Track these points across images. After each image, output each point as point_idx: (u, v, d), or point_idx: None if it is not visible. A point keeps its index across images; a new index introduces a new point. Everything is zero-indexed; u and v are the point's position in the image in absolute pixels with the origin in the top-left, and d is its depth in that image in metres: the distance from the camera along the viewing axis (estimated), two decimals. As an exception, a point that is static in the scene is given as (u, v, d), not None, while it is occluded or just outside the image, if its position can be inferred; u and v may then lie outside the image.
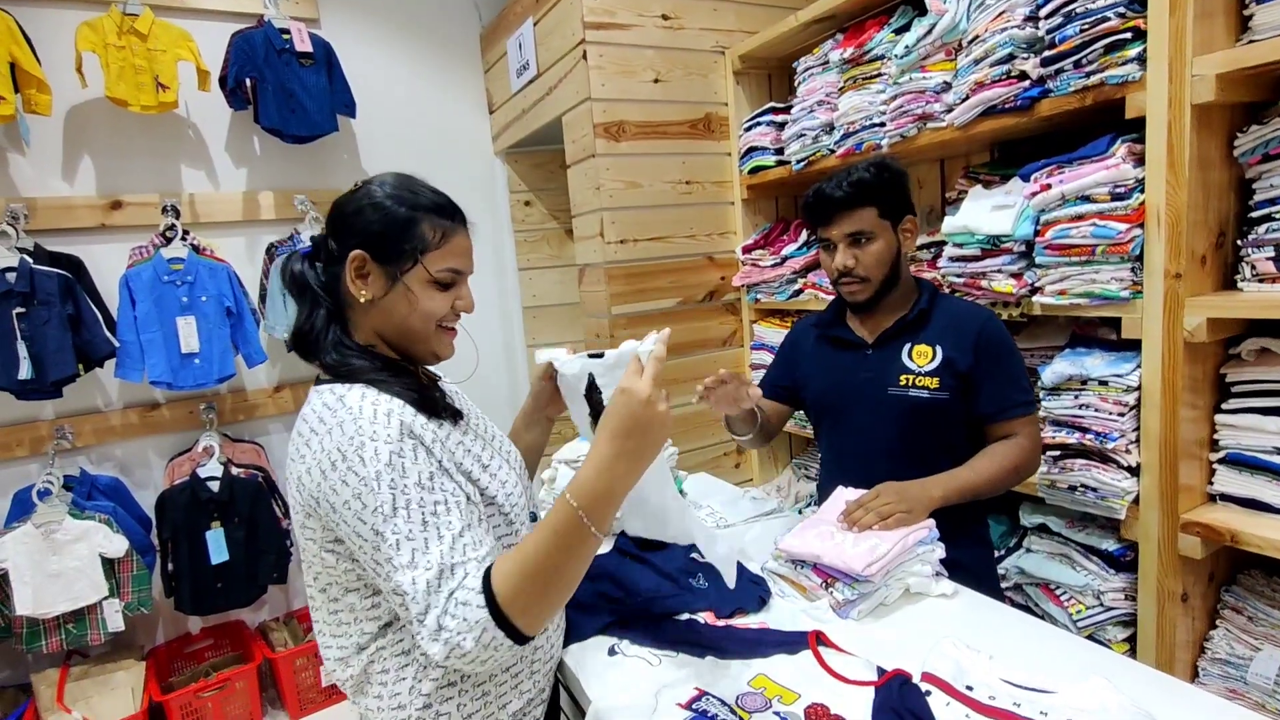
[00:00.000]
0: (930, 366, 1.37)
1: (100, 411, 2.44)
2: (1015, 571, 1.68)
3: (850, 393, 1.45)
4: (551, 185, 3.11)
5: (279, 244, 2.56)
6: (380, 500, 0.83)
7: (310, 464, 0.87)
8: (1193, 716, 0.85)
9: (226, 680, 2.33)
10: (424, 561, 0.81)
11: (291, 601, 2.81)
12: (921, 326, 1.40)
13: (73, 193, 2.36)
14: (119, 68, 2.20)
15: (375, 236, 0.94)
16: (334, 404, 0.89)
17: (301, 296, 1.00)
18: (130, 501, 2.40)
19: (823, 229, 1.40)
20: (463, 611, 0.79)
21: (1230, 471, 1.36)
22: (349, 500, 0.84)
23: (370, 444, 0.84)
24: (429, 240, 0.96)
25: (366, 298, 0.95)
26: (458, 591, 0.80)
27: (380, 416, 0.87)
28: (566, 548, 0.82)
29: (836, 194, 1.35)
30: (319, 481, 0.86)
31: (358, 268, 0.95)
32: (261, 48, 2.37)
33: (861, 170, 1.35)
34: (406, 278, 0.95)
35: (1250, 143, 1.30)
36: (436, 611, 0.80)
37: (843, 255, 1.38)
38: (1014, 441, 1.33)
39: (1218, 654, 1.42)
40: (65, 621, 2.11)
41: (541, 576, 0.82)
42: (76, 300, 2.15)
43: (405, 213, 0.95)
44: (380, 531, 0.82)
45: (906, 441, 1.35)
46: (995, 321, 1.39)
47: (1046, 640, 1.05)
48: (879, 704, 0.87)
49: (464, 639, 0.78)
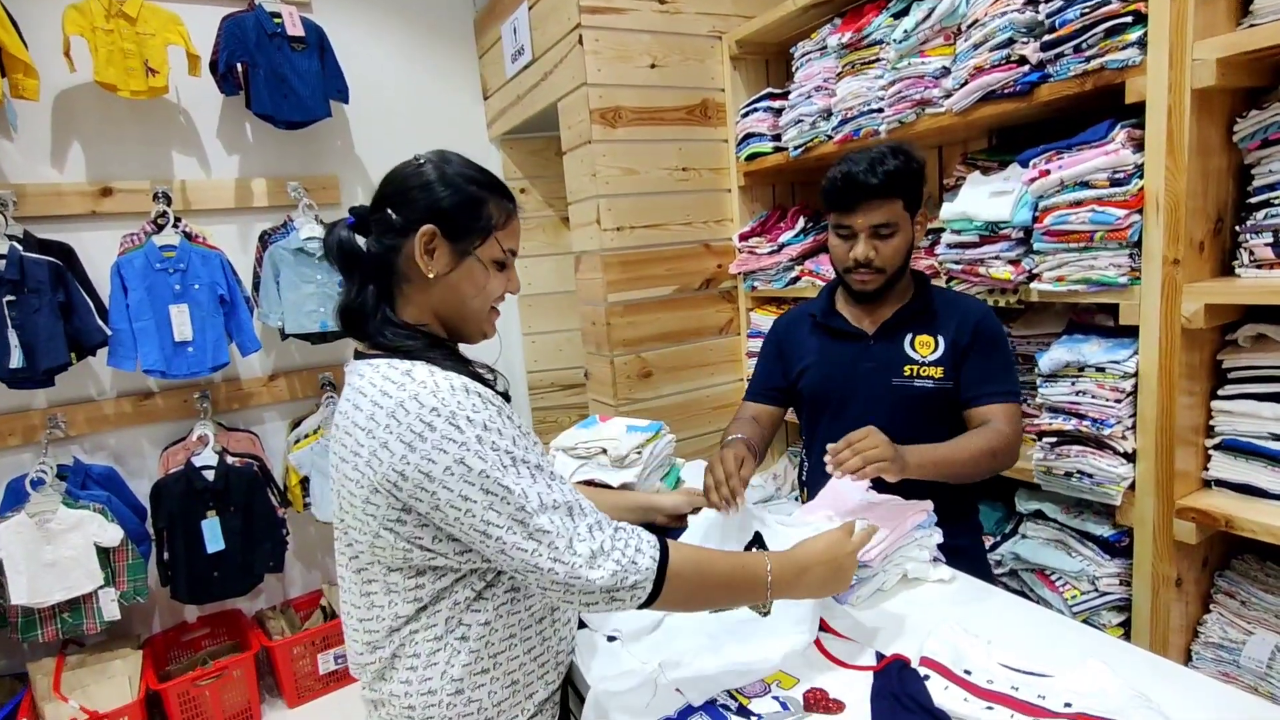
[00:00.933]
0: (934, 356, 1.37)
1: (93, 400, 2.42)
2: (1011, 557, 1.69)
3: (851, 384, 1.43)
4: (547, 172, 3.09)
5: (272, 231, 2.53)
6: (489, 461, 0.83)
7: (386, 438, 0.84)
8: (1188, 699, 0.85)
9: (224, 669, 2.33)
10: (551, 500, 0.84)
11: (288, 590, 2.81)
12: (922, 316, 1.40)
13: (62, 179, 2.33)
14: (107, 52, 2.16)
15: (447, 212, 0.94)
16: (400, 379, 0.87)
17: (349, 269, 0.98)
18: (125, 490, 2.39)
19: (844, 215, 1.35)
20: (632, 551, 0.85)
21: (1225, 457, 1.37)
22: (450, 466, 0.82)
23: (460, 412, 0.84)
24: (496, 219, 0.97)
25: (434, 273, 0.94)
26: (624, 533, 0.87)
27: (458, 390, 0.86)
28: (738, 585, 0.94)
29: (870, 181, 1.29)
30: (404, 454, 0.83)
31: (427, 242, 0.93)
32: (253, 32, 2.34)
33: (892, 158, 1.30)
34: (478, 253, 0.96)
35: (1250, 128, 1.30)
36: (587, 540, 0.84)
37: (864, 246, 1.34)
38: (993, 427, 1.31)
39: (1211, 638, 1.43)
40: (61, 611, 2.10)
41: (708, 583, 0.91)
42: (68, 288, 2.13)
43: (476, 191, 0.95)
44: (501, 488, 0.83)
45: (911, 432, 1.29)
46: (992, 315, 1.40)
47: (1043, 625, 1.06)
48: (877, 688, 0.87)
49: (629, 576, 0.84)
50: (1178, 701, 0.83)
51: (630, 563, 0.84)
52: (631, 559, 0.84)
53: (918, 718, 0.80)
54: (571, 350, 3.10)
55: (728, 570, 0.94)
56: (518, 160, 3.09)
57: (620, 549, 0.85)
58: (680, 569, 0.88)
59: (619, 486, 1.50)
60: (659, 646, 1.06)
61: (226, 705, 2.34)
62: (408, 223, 0.93)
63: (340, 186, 2.76)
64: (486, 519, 0.83)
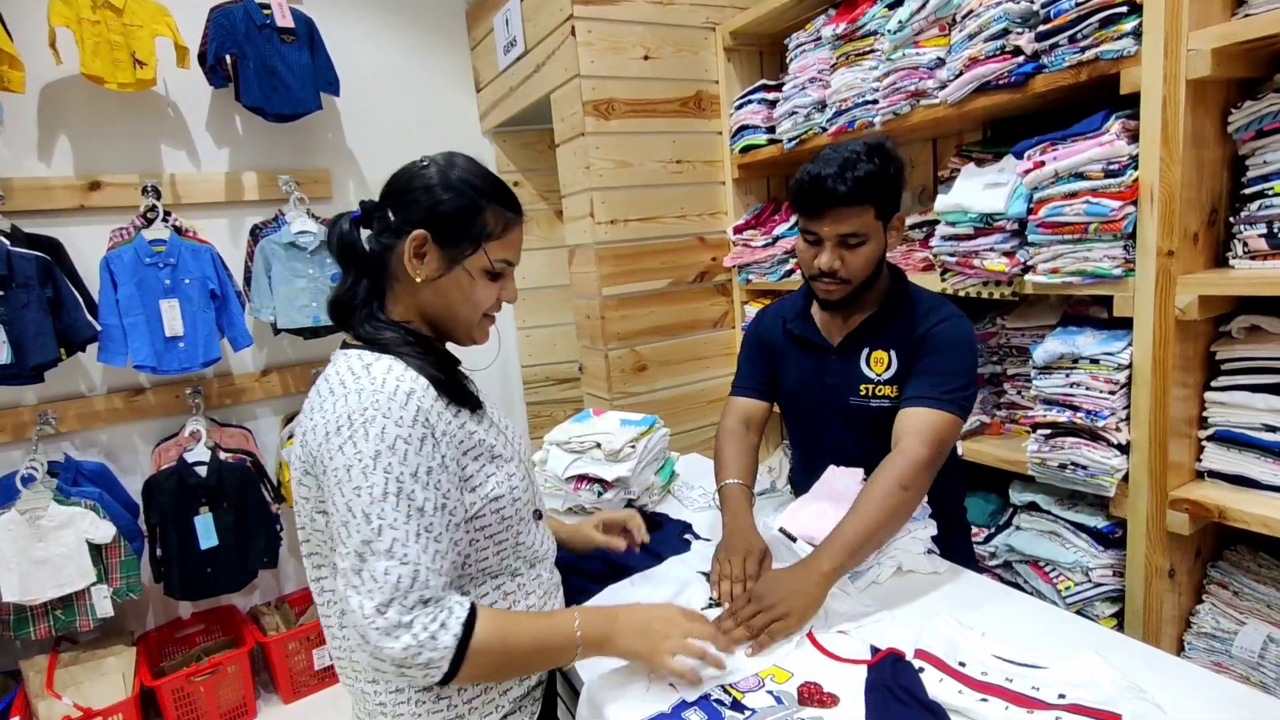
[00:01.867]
0: (888, 375, 1.32)
1: (84, 396, 2.40)
2: (1005, 549, 1.69)
3: (815, 397, 1.40)
4: (540, 165, 3.07)
5: (263, 225, 2.51)
6: (372, 481, 0.82)
7: (319, 422, 0.87)
8: (1181, 688, 0.86)
9: (218, 665, 2.32)
10: (401, 555, 0.81)
11: (283, 586, 2.80)
12: (883, 329, 1.33)
13: (50, 173, 2.31)
14: (94, 43, 2.13)
15: (441, 218, 0.93)
16: (359, 370, 0.88)
17: (347, 262, 0.98)
18: (116, 487, 2.37)
19: (811, 221, 1.25)
20: (435, 628, 0.82)
21: (1219, 449, 1.37)
22: (339, 469, 0.83)
23: (380, 420, 0.83)
24: (491, 229, 0.95)
25: (421, 277, 0.94)
26: (432, 608, 0.83)
27: (400, 395, 0.85)
28: (547, 649, 0.92)
29: (838, 189, 1.18)
30: (321, 441, 0.85)
31: (417, 247, 0.93)
32: (242, 23, 2.31)
33: (864, 160, 1.19)
34: (466, 263, 0.95)
35: (1244, 119, 1.29)
36: (401, 610, 0.80)
37: (829, 256, 1.24)
38: (895, 454, 1.18)
39: (1203, 628, 1.44)
40: (53, 608, 2.09)
41: (513, 654, 0.88)
42: (56, 283, 2.10)
43: (472, 199, 0.94)
44: (365, 512, 0.82)
45: (874, 450, 1.25)
46: (951, 322, 1.29)
47: (1037, 616, 1.06)
48: (871, 681, 0.87)
49: (422, 653, 0.81)
50: (1171, 691, 0.84)
51: (430, 639, 0.81)
52: (432, 636, 0.81)
53: (912, 711, 0.80)
54: (566, 344, 3.09)
55: (534, 637, 0.90)
56: (511, 153, 3.07)
57: (424, 625, 0.81)
58: (483, 645, 0.84)
59: (613, 480, 1.50)
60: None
61: (221, 701, 2.33)
62: (402, 224, 0.94)
63: (332, 180, 2.73)
64: (343, 530, 0.83)
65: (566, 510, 1.59)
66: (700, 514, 1.53)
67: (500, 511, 0.96)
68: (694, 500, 1.60)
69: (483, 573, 0.97)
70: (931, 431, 1.19)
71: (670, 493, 1.67)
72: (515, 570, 1.01)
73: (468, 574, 0.96)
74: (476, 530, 0.95)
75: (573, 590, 1.18)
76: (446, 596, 0.85)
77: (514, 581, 1.01)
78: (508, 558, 1.00)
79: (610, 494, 1.51)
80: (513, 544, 0.99)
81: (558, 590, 1.11)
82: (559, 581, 1.13)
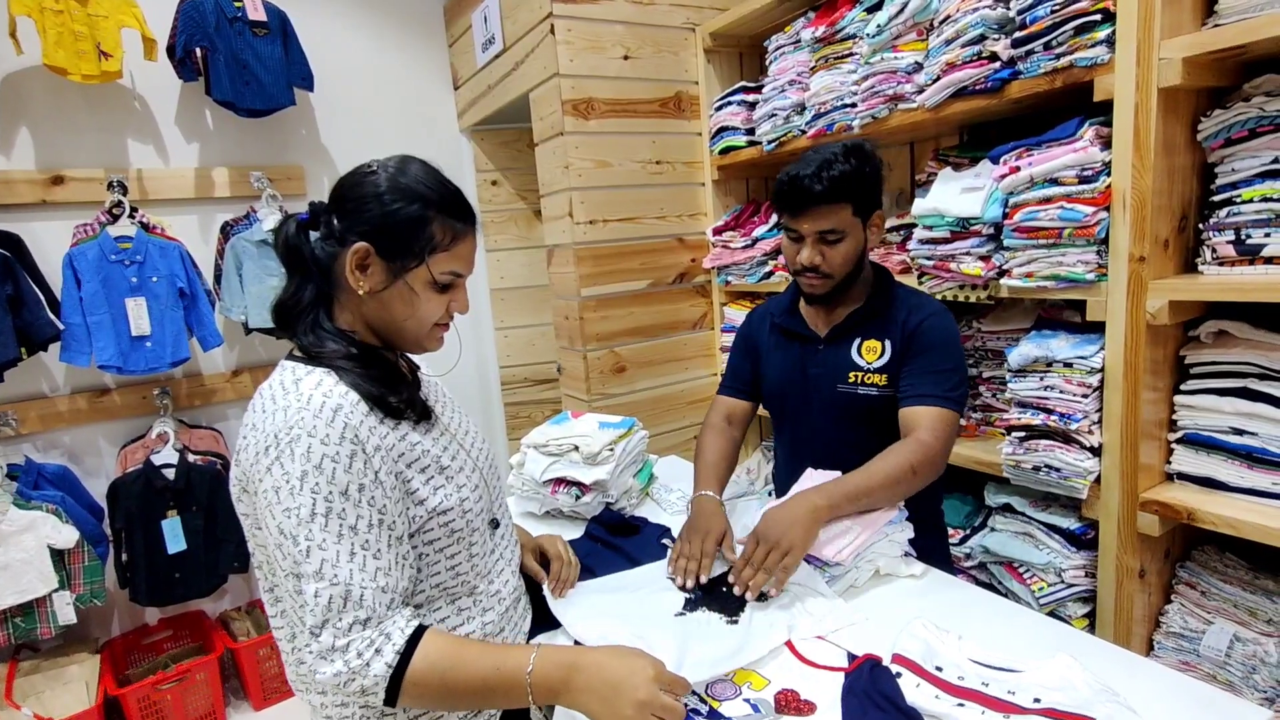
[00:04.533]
0: (879, 363, 1.34)
1: (46, 396, 2.33)
2: (980, 550, 1.71)
3: (802, 388, 1.42)
4: (519, 164, 3.04)
5: (234, 223, 2.46)
6: (299, 502, 0.80)
7: (250, 441, 0.85)
8: (1151, 688, 0.87)
9: (186, 672, 2.27)
10: (331, 575, 0.79)
11: (254, 590, 2.74)
12: (873, 320, 1.37)
13: (10, 166, 2.24)
14: (57, 33, 2.07)
15: (383, 230, 0.89)
16: (289, 385, 0.86)
17: (292, 267, 0.94)
18: (80, 490, 2.30)
19: (791, 219, 1.31)
20: (369, 654, 0.79)
21: (1188, 451, 1.39)
22: (269, 490, 0.81)
23: (306, 439, 0.81)
24: (438, 241, 0.91)
25: (364, 290, 0.90)
26: (370, 631, 0.80)
27: (325, 412, 0.82)
28: (494, 690, 0.83)
29: (815, 188, 1.24)
30: (252, 461, 0.84)
31: (360, 259, 0.89)
32: (212, 15, 2.26)
33: (840, 160, 1.25)
34: (408, 277, 0.91)
35: (1213, 127, 1.32)
36: (334, 634, 0.78)
37: (810, 252, 1.30)
38: (914, 440, 1.24)
39: (1172, 628, 1.46)
40: (12, 615, 2.02)
41: (455, 690, 0.82)
42: (16, 280, 2.04)
43: (418, 210, 0.90)
44: (293, 534, 0.79)
45: (859, 439, 1.30)
46: (940, 317, 1.34)
47: (1013, 619, 1.07)
48: (848, 687, 0.87)
49: (355, 680, 0.78)
50: (1142, 693, 0.85)
51: (363, 665, 0.78)
52: (366, 662, 0.78)
53: (889, 716, 0.80)
54: (544, 345, 3.07)
55: (480, 676, 0.82)
56: (489, 152, 3.04)
57: (358, 649, 0.78)
58: (421, 676, 0.80)
59: (592, 484, 1.49)
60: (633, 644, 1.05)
61: (190, 709, 2.28)
62: (346, 233, 0.90)
63: (306, 177, 2.68)
64: (278, 553, 0.82)
65: (544, 514, 1.57)
66: (678, 518, 1.52)
67: (449, 524, 0.93)
68: (672, 504, 1.59)
69: (439, 590, 0.95)
70: (943, 427, 1.26)
71: (649, 495, 1.66)
72: (473, 586, 0.98)
73: (423, 594, 0.93)
74: (425, 544, 0.92)
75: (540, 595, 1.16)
76: (389, 619, 0.82)
77: (471, 599, 0.98)
78: (464, 573, 0.96)
79: (588, 497, 1.50)
80: (466, 557, 0.97)
81: (518, 603, 1.07)
82: (522, 591, 1.10)
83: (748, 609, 1.09)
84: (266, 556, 0.90)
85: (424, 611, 0.94)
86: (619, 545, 1.34)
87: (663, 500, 1.62)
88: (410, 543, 0.90)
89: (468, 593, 0.98)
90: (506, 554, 1.07)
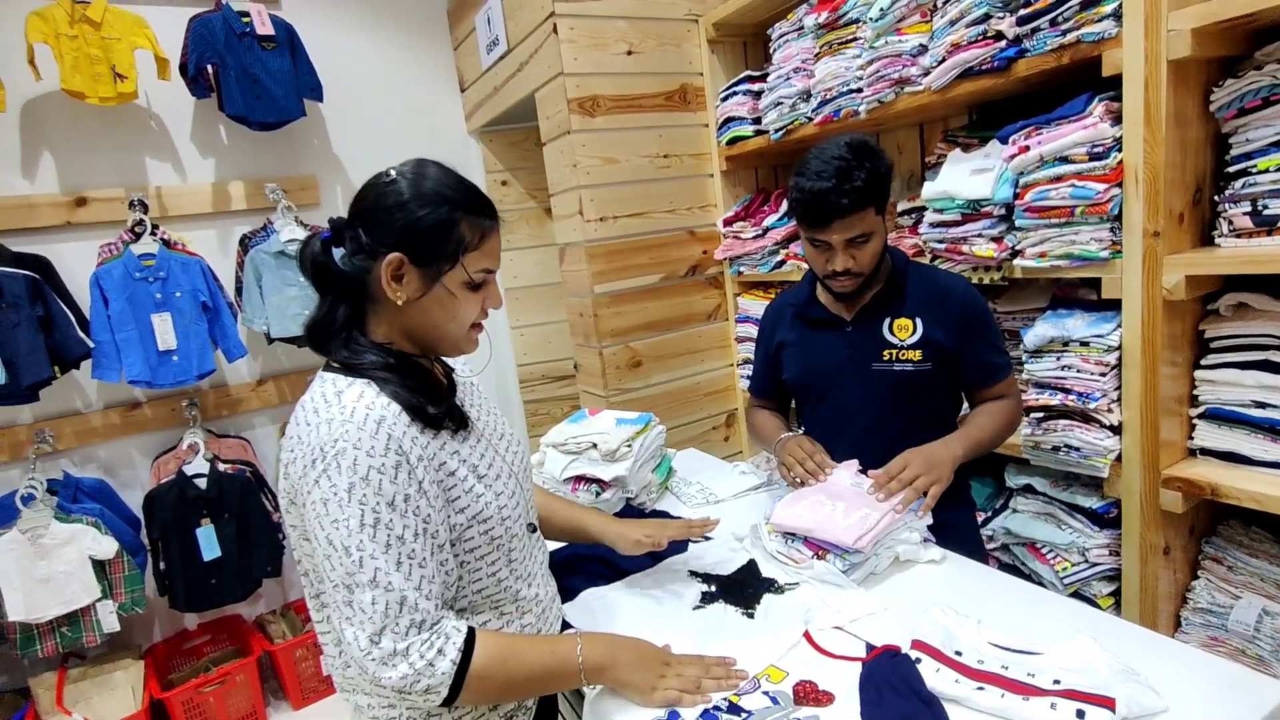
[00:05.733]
0: (912, 340, 1.36)
1: (80, 413, 2.40)
2: (1002, 532, 1.71)
3: (832, 371, 1.43)
4: (528, 164, 3.06)
5: (252, 235, 2.50)
6: (348, 514, 0.81)
7: (297, 454, 0.86)
8: (1173, 667, 0.87)
9: (227, 674, 2.33)
10: (386, 583, 0.81)
11: (288, 593, 2.81)
12: (899, 299, 1.38)
13: (34, 190, 2.29)
14: (73, 58, 2.12)
15: (414, 237, 0.89)
16: (331, 397, 0.87)
17: (322, 286, 0.95)
18: (117, 502, 2.38)
19: (818, 231, 1.30)
20: (432, 655, 0.83)
21: (1210, 426, 1.38)
22: (317, 502, 0.83)
23: (352, 451, 0.82)
24: (468, 241, 0.92)
25: (402, 299, 0.91)
26: (426, 633, 0.83)
27: (369, 424, 0.84)
28: (551, 675, 0.92)
29: (842, 202, 1.24)
30: (300, 474, 0.85)
31: (394, 270, 0.90)
32: (221, 32, 2.30)
33: (858, 169, 1.24)
34: (445, 280, 0.91)
35: (1226, 97, 1.30)
36: (394, 638, 0.81)
37: (843, 259, 1.30)
38: (1005, 402, 1.38)
39: (1199, 604, 1.45)
40: (59, 625, 2.10)
41: (514, 679, 0.89)
42: (46, 301, 2.10)
43: (445, 213, 0.90)
44: (344, 545, 0.81)
45: (892, 416, 1.34)
46: (971, 289, 1.37)
47: (1033, 602, 1.07)
48: (865, 676, 0.88)
49: (420, 680, 0.82)
50: (1164, 673, 0.85)
51: (427, 665, 0.82)
52: (429, 663, 0.82)
53: (908, 702, 0.81)
54: (560, 342, 3.09)
55: (537, 662, 0.90)
56: (497, 152, 3.06)
57: (420, 652, 0.82)
58: (483, 670, 0.85)
59: (611, 480, 1.51)
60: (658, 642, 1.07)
61: (231, 710, 2.35)
62: (376, 245, 0.90)
63: (319, 186, 2.72)
64: (327, 564, 0.84)
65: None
66: (698, 510, 1.54)
67: (489, 532, 0.95)
68: (692, 496, 1.61)
69: (481, 597, 0.97)
70: (1018, 390, 1.42)
71: (669, 489, 1.67)
72: (515, 591, 1.00)
73: (465, 600, 0.95)
74: (467, 553, 0.94)
75: (565, 592, 1.19)
76: (442, 620, 0.85)
77: (514, 604, 1.01)
78: (504, 579, 0.98)
79: (608, 494, 1.52)
80: (506, 563, 0.99)
81: (553, 603, 1.10)
82: (555, 592, 1.13)
83: (764, 601, 1.10)
84: (313, 565, 0.92)
85: (468, 617, 0.96)
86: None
87: (682, 494, 1.64)
88: (451, 550, 0.92)
89: (511, 598, 1.00)
90: (540, 556, 1.10)
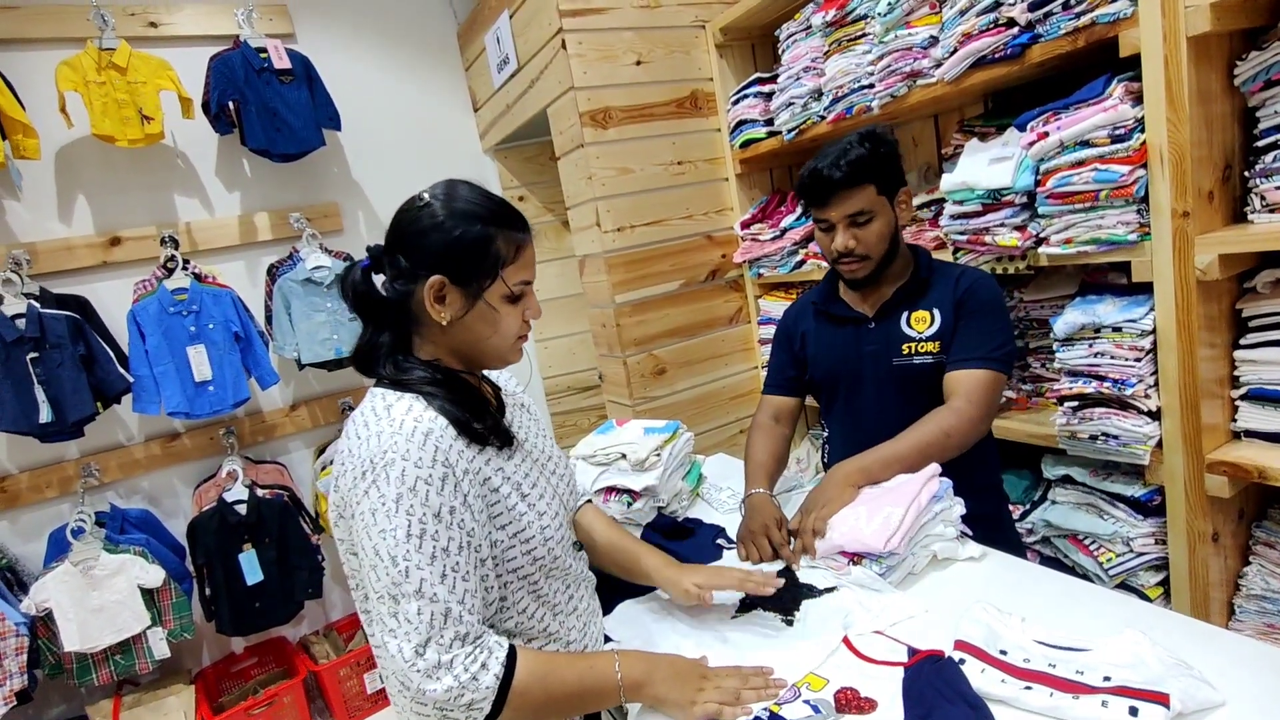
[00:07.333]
0: (930, 331, 1.35)
1: (123, 446, 2.47)
2: (1042, 524, 1.67)
3: (855, 367, 1.43)
4: (544, 178, 3.09)
5: (279, 264, 2.56)
6: (395, 524, 0.83)
7: (347, 467, 0.88)
8: (1226, 659, 0.84)
9: (274, 696, 2.38)
10: (431, 594, 0.82)
11: (329, 614, 2.86)
12: (919, 293, 1.38)
13: (71, 233, 2.38)
14: (102, 104, 2.19)
15: (453, 257, 0.92)
16: (381, 411, 0.89)
17: (365, 313, 0.98)
18: (162, 531, 2.44)
19: (819, 210, 1.35)
20: (475, 669, 0.82)
21: (1253, 407, 1.34)
22: (365, 513, 0.85)
23: (400, 463, 0.84)
24: (505, 255, 0.94)
25: (446, 319, 0.93)
26: (470, 647, 0.83)
27: (417, 436, 0.86)
28: (589, 692, 0.91)
29: (835, 175, 1.29)
30: (350, 486, 0.87)
31: (436, 291, 0.92)
32: (240, 69, 2.36)
33: (856, 146, 1.29)
34: (486, 295, 0.94)
35: (1250, 70, 1.27)
36: (439, 649, 0.81)
37: (843, 236, 1.33)
38: (949, 407, 1.28)
39: (1253, 590, 1.41)
40: (113, 653, 2.16)
41: (554, 695, 0.88)
42: (87, 340, 2.17)
43: (480, 230, 0.92)
44: (390, 555, 0.83)
45: (917, 410, 1.32)
46: (985, 281, 1.36)
47: (1077, 596, 1.05)
48: (909, 681, 0.87)
49: (464, 694, 0.81)
50: (1218, 665, 0.82)
51: (471, 679, 0.81)
52: (473, 676, 0.82)
53: (954, 706, 0.80)
54: (584, 353, 3.11)
55: (576, 680, 0.90)
56: (513, 169, 3.09)
57: (464, 665, 0.82)
58: (525, 687, 0.85)
59: (642, 490, 1.51)
60: (699, 651, 1.06)
61: (280, 731, 2.39)
62: (416, 269, 0.93)
63: (342, 213, 2.78)
64: (372, 574, 0.85)
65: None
66: (731, 516, 1.53)
67: (531, 552, 0.96)
68: (723, 502, 1.60)
69: (527, 617, 0.98)
70: (980, 390, 1.28)
71: (700, 496, 1.67)
72: (556, 607, 1.02)
73: (511, 621, 0.97)
74: (509, 572, 0.95)
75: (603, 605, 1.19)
76: (485, 635, 0.86)
77: (556, 619, 1.02)
78: (546, 597, 1.00)
79: (639, 503, 1.52)
80: (548, 582, 1.00)
81: (595, 616, 1.11)
82: (597, 607, 1.13)
83: (803, 607, 1.09)
84: (361, 579, 0.94)
85: (517, 640, 0.97)
86: (675, 549, 1.36)
87: (713, 499, 1.63)
88: (495, 570, 0.93)
89: (551, 612, 1.01)
90: (583, 574, 1.11)
